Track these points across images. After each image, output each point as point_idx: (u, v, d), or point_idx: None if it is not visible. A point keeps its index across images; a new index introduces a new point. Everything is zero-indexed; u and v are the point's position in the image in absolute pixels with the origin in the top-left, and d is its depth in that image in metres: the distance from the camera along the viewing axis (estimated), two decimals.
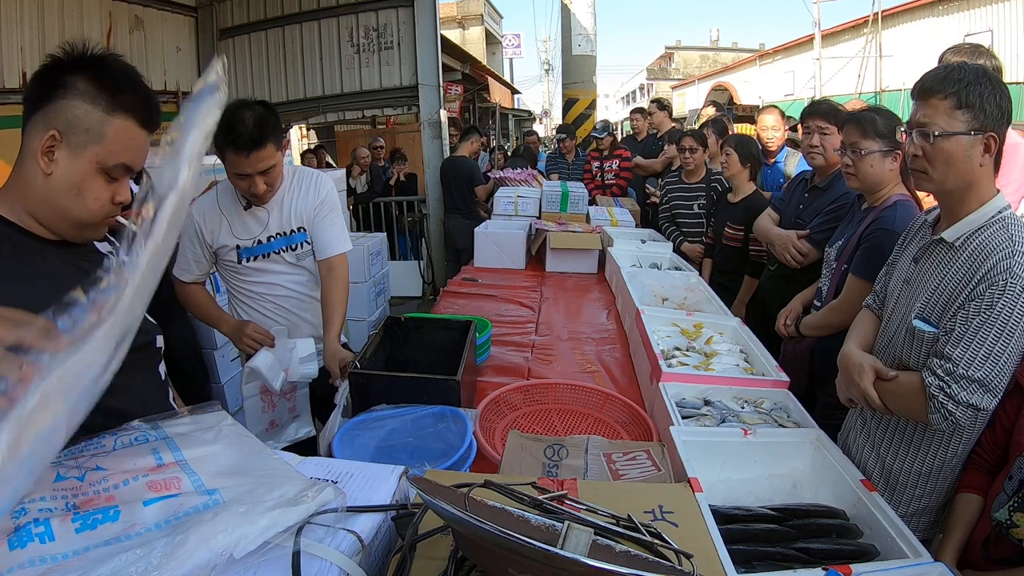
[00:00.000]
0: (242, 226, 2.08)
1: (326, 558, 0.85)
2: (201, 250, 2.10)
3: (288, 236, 2.12)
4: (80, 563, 0.74)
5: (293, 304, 2.20)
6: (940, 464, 1.47)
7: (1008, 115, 1.34)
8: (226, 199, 2.09)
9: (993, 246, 1.32)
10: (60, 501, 0.85)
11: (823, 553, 1.19)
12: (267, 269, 2.13)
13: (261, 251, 2.11)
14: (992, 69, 2.19)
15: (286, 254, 2.13)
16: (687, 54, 35.36)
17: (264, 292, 2.16)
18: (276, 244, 2.11)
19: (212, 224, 2.07)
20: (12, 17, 4.84)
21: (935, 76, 1.38)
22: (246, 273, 2.14)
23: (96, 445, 1.00)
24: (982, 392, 1.28)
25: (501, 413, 1.84)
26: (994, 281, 1.28)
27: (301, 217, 2.12)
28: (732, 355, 2.07)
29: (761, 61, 19.68)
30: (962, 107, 1.33)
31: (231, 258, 2.10)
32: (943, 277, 1.40)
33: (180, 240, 1.99)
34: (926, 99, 1.39)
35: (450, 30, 17.55)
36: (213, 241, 2.08)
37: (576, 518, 0.86)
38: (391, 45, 6.77)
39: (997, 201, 1.38)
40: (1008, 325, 1.26)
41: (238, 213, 2.08)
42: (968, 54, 2.22)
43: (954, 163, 1.36)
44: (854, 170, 2.04)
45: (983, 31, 10.67)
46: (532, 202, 4.57)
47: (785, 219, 2.75)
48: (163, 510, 0.85)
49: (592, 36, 8.22)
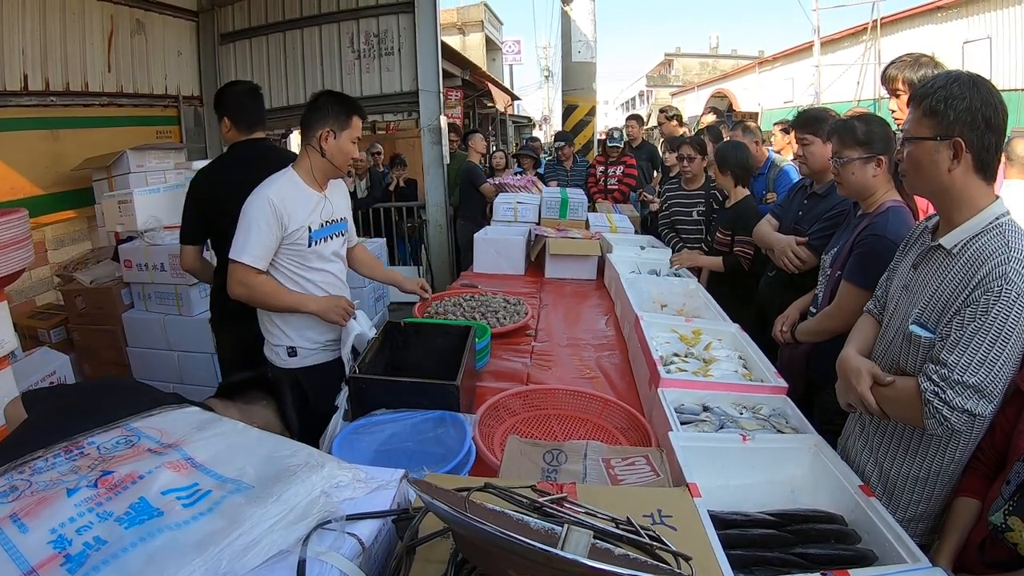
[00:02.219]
0: (314, 209, 2.21)
1: (328, 561, 0.86)
2: (277, 234, 2.13)
3: (339, 223, 2.35)
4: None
5: (338, 288, 2.36)
6: (938, 470, 1.47)
7: (987, 122, 1.32)
8: (298, 186, 2.20)
9: (989, 252, 1.32)
10: (91, 515, 0.87)
11: (821, 558, 1.19)
12: (325, 255, 2.28)
13: (325, 233, 2.27)
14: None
15: (336, 240, 2.34)
16: (687, 61, 35.45)
17: (318, 279, 2.27)
18: (334, 228, 2.32)
19: (291, 207, 2.14)
20: (14, 20, 4.84)
21: (919, 85, 1.44)
22: (309, 259, 2.23)
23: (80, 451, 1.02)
24: (977, 398, 1.28)
25: (500, 418, 1.84)
26: (989, 287, 1.28)
27: (341, 209, 2.36)
28: (731, 361, 2.07)
29: (760, 68, 19.75)
30: (927, 114, 1.36)
31: (301, 241, 2.18)
32: (940, 283, 1.40)
33: (250, 229, 2.08)
34: (910, 107, 1.44)
35: (450, 36, 17.59)
36: (289, 223, 2.14)
37: (576, 521, 0.86)
38: (392, 51, 6.80)
39: (995, 207, 1.38)
40: (1003, 331, 1.26)
41: (309, 196, 2.21)
42: (909, 66, 2.20)
43: (921, 168, 1.41)
44: (840, 178, 2.08)
45: (982, 38, 10.73)
46: (532, 208, 4.59)
47: (784, 226, 2.77)
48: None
49: (592, 43, 8.23)
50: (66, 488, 0.90)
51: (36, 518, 0.84)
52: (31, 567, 0.78)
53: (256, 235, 2.08)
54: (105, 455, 1.00)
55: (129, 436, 1.07)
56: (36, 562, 0.78)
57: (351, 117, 2.19)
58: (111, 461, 0.97)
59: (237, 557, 0.82)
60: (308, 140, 2.21)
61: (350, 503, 0.99)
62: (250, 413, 1.55)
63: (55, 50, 5.21)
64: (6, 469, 0.95)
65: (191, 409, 1.21)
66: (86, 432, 1.06)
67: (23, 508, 0.86)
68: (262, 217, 2.08)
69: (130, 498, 0.89)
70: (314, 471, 0.98)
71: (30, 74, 4.97)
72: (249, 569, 0.82)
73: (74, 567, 0.78)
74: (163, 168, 4.09)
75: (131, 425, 1.10)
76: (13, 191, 4.60)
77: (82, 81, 5.45)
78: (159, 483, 0.92)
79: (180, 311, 3.39)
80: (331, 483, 0.98)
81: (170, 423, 1.13)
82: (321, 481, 0.97)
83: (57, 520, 0.84)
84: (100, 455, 1.00)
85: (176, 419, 1.15)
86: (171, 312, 3.41)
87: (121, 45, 5.95)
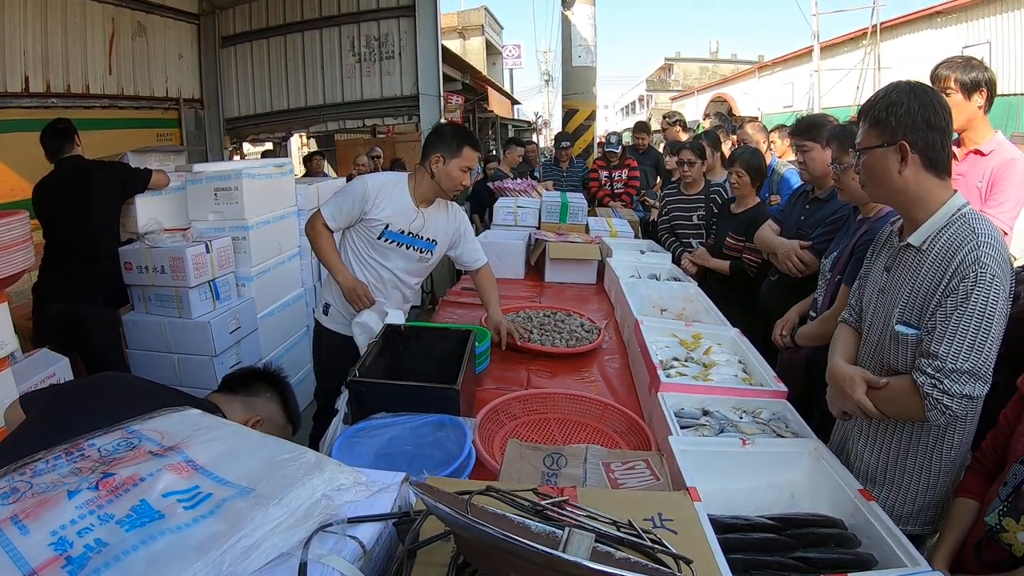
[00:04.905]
0: (402, 215, 2.51)
1: (329, 564, 0.86)
2: (357, 210, 2.49)
3: (423, 240, 2.59)
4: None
5: (391, 284, 2.63)
6: (942, 457, 1.50)
7: (927, 122, 1.38)
8: (402, 190, 2.53)
9: (959, 242, 1.37)
10: (92, 517, 0.87)
11: (821, 562, 1.20)
12: (392, 252, 2.56)
13: (400, 239, 2.54)
14: (985, 81, 2.22)
15: (411, 251, 2.58)
16: (687, 65, 35.50)
17: (376, 266, 2.58)
18: (412, 240, 2.56)
19: (381, 200, 2.48)
20: (15, 22, 4.86)
21: (866, 101, 1.51)
22: (376, 247, 2.55)
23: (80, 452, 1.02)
24: (973, 381, 1.32)
25: (500, 422, 1.84)
26: (966, 274, 1.32)
27: (436, 233, 2.61)
28: (730, 365, 2.08)
29: (760, 73, 19.81)
30: (873, 125, 1.45)
31: (376, 229, 2.51)
32: (916, 280, 1.44)
33: (342, 195, 2.52)
34: (861, 123, 1.51)
35: (451, 40, 17.61)
36: (371, 209, 2.48)
37: (577, 524, 0.86)
38: (392, 55, 6.82)
39: (955, 200, 1.43)
40: (986, 313, 1.30)
41: (404, 204, 2.52)
42: (960, 68, 2.24)
43: (875, 175, 1.48)
44: (840, 184, 2.10)
45: (981, 43, 10.77)
46: (531, 212, 4.59)
47: (786, 230, 2.78)
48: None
49: (592, 47, 8.25)
50: (67, 490, 0.90)
51: (37, 520, 0.84)
52: (32, 569, 0.77)
53: (341, 201, 2.50)
54: (106, 457, 1.00)
55: (130, 438, 1.07)
56: (37, 564, 0.78)
57: (463, 147, 2.45)
58: (112, 463, 0.97)
59: (238, 560, 0.82)
60: (423, 161, 2.53)
61: (351, 506, 0.99)
62: (254, 406, 1.55)
63: (56, 52, 5.23)
64: (7, 471, 0.95)
65: (192, 412, 1.21)
66: (87, 434, 1.06)
67: (24, 510, 0.86)
68: (353, 191, 2.50)
69: (131, 500, 0.89)
70: (315, 474, 0.98)
71: (31, 76, 4.99)
72: (251, 572, 0.82)
73: (75, 569, 0.77)
74: (163, 170, 4.08)
75: (132, 427, 1.10)
76: (13, 192, 4.61)
77: (83, 83, 5.47)
78: (160, 486, 0.92)
79: (180, 314, 3.39)
80: (332, 486, 0.98)
81: (171, 425, 1.13)
82: (322, 484, 0.97)
83: (58, 522, 0.84)
84: (101, 457, 1.00)
85: (177, 421, 1.15)
86: (171, 315, 3.41)
87: (122, 47, 5.97)
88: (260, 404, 1.58)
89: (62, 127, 3.29)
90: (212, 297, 3.48)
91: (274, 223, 3.95)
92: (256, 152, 9.32)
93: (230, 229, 3.63)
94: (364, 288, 2.50)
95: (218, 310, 3.49)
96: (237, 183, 3.56)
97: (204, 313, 3.42)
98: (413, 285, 2.74)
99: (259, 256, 3.78)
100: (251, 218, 3.65)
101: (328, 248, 2.56)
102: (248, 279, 3.73)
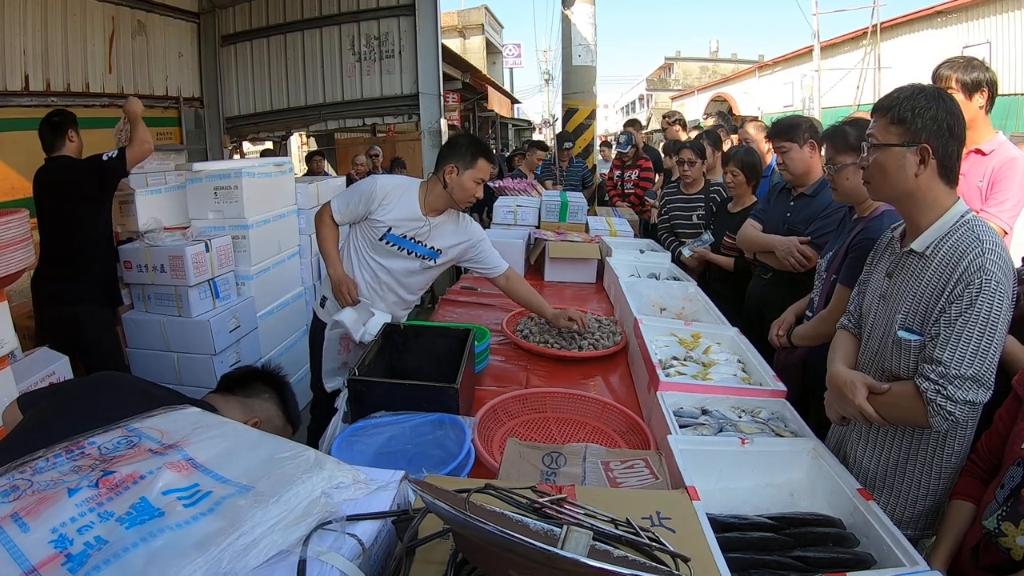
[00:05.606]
0: (407, 220, 2.51)
1: (328, 561, 0.86)
2: (363, 208, 2.50)
3: (426, 248, 2.57)
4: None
5: (387, 285, 2.61)
6: (941, 462, 1.50)
7: (950, 130, 1.39)
8: (410, 196, 2.52)
9: (963, 248, 1.36)
10: (92, 515, 0.87)
11: (820, 561, 1.20)
12: (392, 255, 2.56)
13: (401, 243, 2.54)
14: (986, 81, 2.23)
15: (412, 256, 2.57)
16: (687, 65, 35.51)
17: (375, 266, 2.58)
18: (414, 247, 2.55)
19: (388, 203, 2.49)
20: (15, 21, 4.86)
21: (883, 96, 1.49)
22: (377, 248, 2.55)
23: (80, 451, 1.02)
24: (976, 387, 1.32)
25: (499, 421, 1.84)
26: (970, 280, 1.32)
27: (442, 243, 2.58)
28: (730, 365, 2.08)
29: (760, 72, 19.80)
30: (895, 122, 1.43)
31: (379, 230, 2.52)
32: (918, 286, 1.44)
33: (351, 191, 2.55)
34: (874, 117, 1.49)
35: (451, 39, 17.62)
36: (377, 210, 2.49)
37: (575, 522, 0.86)
38: (392, 54, 6.82)
39: (958, 207, 1.43)
40: (990, 320, 1.31)
41: (411, 210, 2.51)
42: (962, 68, 2.25)
43: (888, 173, 1.46)
44: (834, 184, 2.10)
45: (981, 43, 10.77)
46: (531, 211, 4.59)
47: (769, 228, 2.79)
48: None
49: (592, 47, 8.24)
50: (67, 488, 0.90)
51: (37, 517, 0.84)
52: (32, 566, 0.78)
53: (350, 196, 2.53)
54: (106, 455, 1.00)
55: (130, 436, 1.07)
56: (37, 561, 0.78)
57: (477, 159, 2.44)
58: (112, 461, 0.98)
59: (238, 557, 0.82)
60: (436, 171, 2.52)
61: (350, 504, 0.99)
62: (252, 407, 1.54)
63: (56, 51, 5.22)
64: (7, 468, 0.95)
65: (192, 410, 1.21)
66: (87, 432, 1.06)
67: (24, 507, 0.86)
68: (362, 189, 2.52)
69: (131, 498, 0.89)
70: (314, 472, 0.99)
71: (31, 74, 4.98)
72: (250, 569, 0.83)
73: (75, 567, 0.78)
74: (164, 169, 4.08)
75: (132, 426, 1.10)
76: (13, 191, 4.61)
77: (83, 82, 5.47)
78: (160, 483, 0.92)
79: (179, 312, 3.39)
80: (331, 484, 0.98)
81: (171, 424, 1.13)
82: (321, 482, 0.97)
83: (58, 520, 0.84)
84: (101, 455, 1.00)
85: (177, 420, 1.15)
86: (171, 314, 3.41)
87: (122, 46, 5.97)
88: (258, 405, 1.58)
89: (57, 120, 3.21)
90: (212, 296, 3.49)
91: (274, 222, 3.95)
92: (256, 151, 9.33)
93: (230, 228, 3.63)
94: (351, 285, 2.48)
95: (218, 309, 3.50)
96: (237, 182, 3.56)
97: (204, 312, 3.43)
98: (415, 291, 2.72)
99: (259, 255, 3.78)
100: (251, 217, 3.66)
101: (329, 240, 2.58)
102: (248, 278, 3.74)
